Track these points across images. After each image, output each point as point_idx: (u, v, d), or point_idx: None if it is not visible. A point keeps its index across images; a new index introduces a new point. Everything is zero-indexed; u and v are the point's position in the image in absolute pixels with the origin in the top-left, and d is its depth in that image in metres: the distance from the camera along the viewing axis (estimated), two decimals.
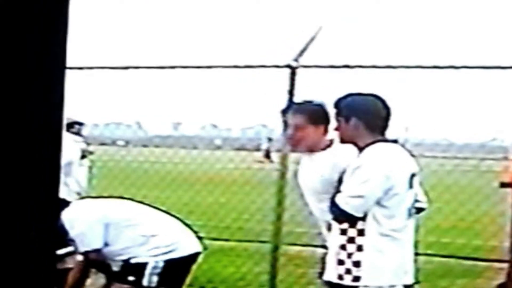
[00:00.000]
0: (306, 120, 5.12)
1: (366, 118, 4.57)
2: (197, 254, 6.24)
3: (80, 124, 10.37)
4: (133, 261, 5.96)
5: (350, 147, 5.04)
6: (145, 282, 5.92)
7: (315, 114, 5.15)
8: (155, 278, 5.92)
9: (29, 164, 1.23)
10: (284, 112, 5.30)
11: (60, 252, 6.26)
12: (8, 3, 1.18)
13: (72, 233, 5.95)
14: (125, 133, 13.41)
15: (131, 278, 5.99)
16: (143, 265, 5.93)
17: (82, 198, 7.82)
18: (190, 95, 10.52)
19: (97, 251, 6.01)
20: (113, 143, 15.96)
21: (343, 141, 4.76)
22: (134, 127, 14.14)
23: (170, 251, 5.96)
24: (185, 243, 6.09)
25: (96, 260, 6.11)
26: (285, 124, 5.27)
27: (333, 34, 8.78)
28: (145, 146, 13.95)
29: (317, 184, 5.08)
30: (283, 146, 7.77)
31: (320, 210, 5.10)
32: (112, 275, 6.20)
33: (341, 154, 4.99)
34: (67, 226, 5.94)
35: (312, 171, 5.16)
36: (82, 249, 6.02)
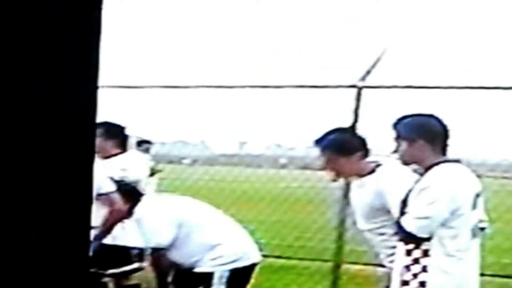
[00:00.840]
0: (335, 153, 5.17)
1: (431, 139, 4.54)
2: (257, 264, 6.25)
3: (148, 142, 10.56)
4: (197, 270, 5.95)
5: (398, 171, 5.09)
6: None
7: (344, 145, 5.19)
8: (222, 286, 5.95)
9: (59, 171, 1.21)
10: (317, 143, 5.32)
11: (126, 268, 6.36)
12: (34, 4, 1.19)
13: (143, 229, 5.93)
14: (192, 152, 13.58)
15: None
16: (210, 275, 5.93)
17: None
18: (255, 114, 10.63)
19: (164, 250, 5.96)
20: (180, 161, 16.12)
21: (405, 162, 4.74)
22: (200, 146, 14.28)
23: (235, 260, 5.95)
24: (248, 252, 6.08)
25: (160, 263, 6.13)
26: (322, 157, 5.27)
27: (398, 54, 8.82)
28: (211, 164, 14.05)
29: (364, 209, 5.17)
30: None
31: (369, 232, 5.20)
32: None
33: (386, 181, 5.05)
34: (139, 222, 5.97)
35: (360, 196, 5.23)
36: (150, 245, 5.97)
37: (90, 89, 1.25)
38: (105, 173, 5.90)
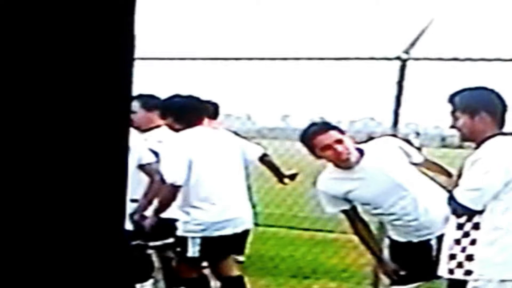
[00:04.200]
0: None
1: (492, 111, 4.47)
2: (246, 232, 6.29)
3: None
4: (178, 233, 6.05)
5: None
6: (189, 253, 6.01)
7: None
8: (197, 248, 5.98)
9: (92, 165, 1.21)
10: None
11: (169, 241, 6.40)
12: None
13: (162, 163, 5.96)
14: (234, 124, 13.58)
15: (177, 249, 6.11)
16: (184, 239, 6.03)
17: None
18: (299, 87, 10.59)
19: (178, 188, 5.94)
20: None
21: (464, 138, 4.62)
22: (243, 119, 14.29)
23: (205, 229, 6.00)
24: (230, 221, 6.08)
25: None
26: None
27: (443, 26, 8.71)
28: (253, 137, 14.04)
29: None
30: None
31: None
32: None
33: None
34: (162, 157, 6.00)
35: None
36: (167, 180, 5.93)
37: (124, 78, 1.24)
38: (145, 145, 5.92)
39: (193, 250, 5.98)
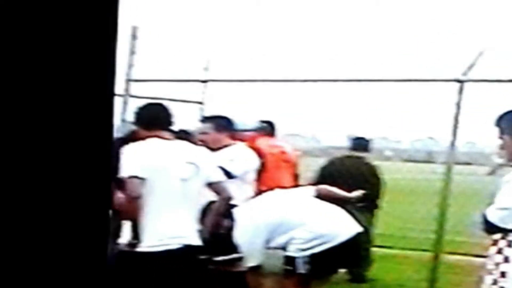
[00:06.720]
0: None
1: None
2: (354, 240, 6.31)
3: None
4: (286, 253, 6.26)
5: None
6: (299, 270, 6.19)
7: None
8: (306, 266, 6.18)
9: (75, 172, 1.21)
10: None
11: (231, 257, 6.61)
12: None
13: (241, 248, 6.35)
14: (300, 144, 13.83)
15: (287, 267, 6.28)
16: (292, 258, 6.21)
17: None
18: (362, 107, 10.80)
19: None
20: None
21: (509, 159, 4.60)
22: (308, 138, 14.54)
23: (313, 246, 6.14)
24: (330, 234, 6.19)
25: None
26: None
27: (501, 48, 8.84)
28: (319, 156, 14.32)
29: None
30: (448, 157, 7.94)
31: None
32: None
33: None
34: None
35: None
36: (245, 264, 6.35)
37: (106, 94, 1.25)
38: (214, 163, 6.16)
39: (303, 268, 6.18)
